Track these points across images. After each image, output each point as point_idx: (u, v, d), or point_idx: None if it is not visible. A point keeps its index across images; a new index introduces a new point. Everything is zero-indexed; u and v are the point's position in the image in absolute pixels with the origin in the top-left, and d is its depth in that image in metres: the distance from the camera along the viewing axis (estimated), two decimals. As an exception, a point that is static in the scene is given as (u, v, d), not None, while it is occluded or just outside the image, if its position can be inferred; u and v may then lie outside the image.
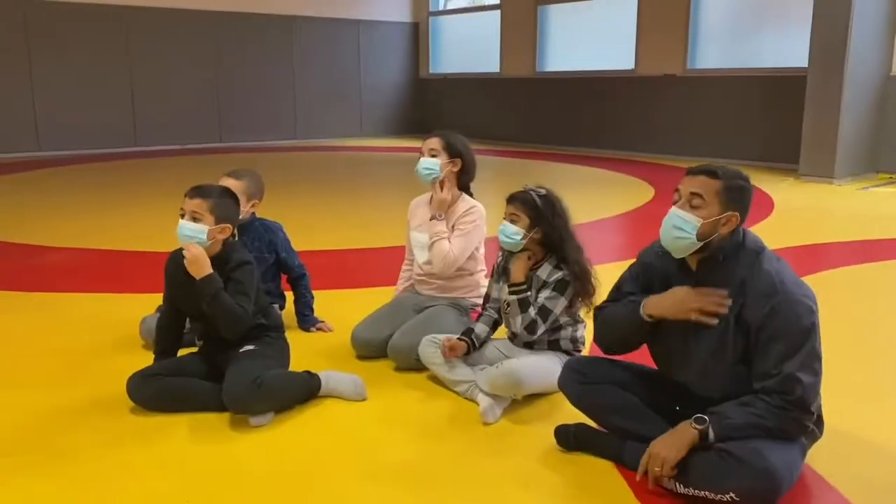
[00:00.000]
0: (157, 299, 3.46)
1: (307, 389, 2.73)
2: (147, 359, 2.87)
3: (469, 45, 14.16)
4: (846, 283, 4.40)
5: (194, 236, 2.62)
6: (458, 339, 2.87)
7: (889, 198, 7.36)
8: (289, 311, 3.55)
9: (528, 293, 2.73)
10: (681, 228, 2.11)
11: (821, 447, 2.24)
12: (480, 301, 3.18)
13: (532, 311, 2.71)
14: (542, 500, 2.15)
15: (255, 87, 12.97)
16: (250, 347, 2.73)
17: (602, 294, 2.82)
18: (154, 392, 2.64)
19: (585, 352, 3.04)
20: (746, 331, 2.06)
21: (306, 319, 3.51)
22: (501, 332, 2.98)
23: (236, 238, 2.91)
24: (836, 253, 5.18)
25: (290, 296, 3.59)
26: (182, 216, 2.65)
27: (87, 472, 2.28)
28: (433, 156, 3.22)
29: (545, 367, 2.69)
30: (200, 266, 2.61)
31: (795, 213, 6.50)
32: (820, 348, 2.05)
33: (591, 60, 11.86)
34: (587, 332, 2.94)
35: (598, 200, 7.31)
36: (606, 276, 3.35)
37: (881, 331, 3.65)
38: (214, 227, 2.64)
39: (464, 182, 3.31)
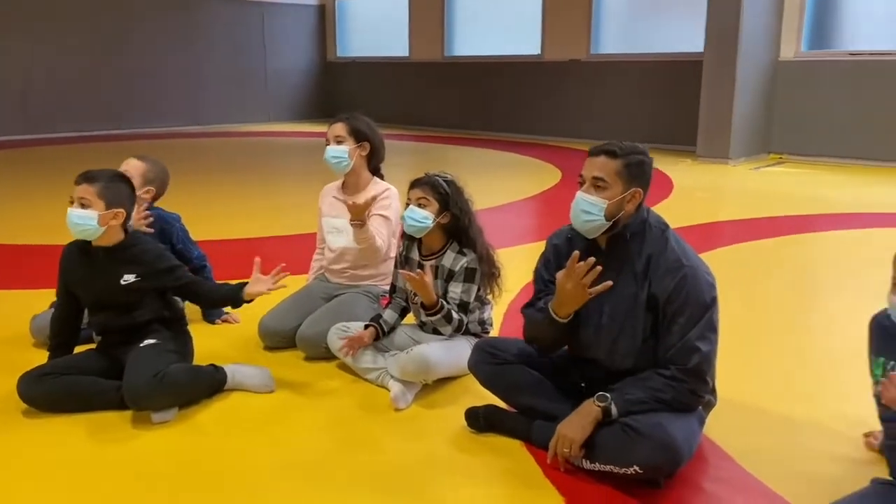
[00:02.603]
0: (49, 295, 3.30)
1: (212, 383, 2.67)
2: (40, 357, 2.74)
3: (377, 28, 14.02)
4: (738, 260, 4.62)
5: (83, 224, 2.52)
6: (366, 325, 2.86)
7: (778, 177, 7.76)
8: (192, 304, 3.45)
9: (447, 307, 2.69)
10: (589, 212, 2.17)
11: (716, 417, 2.35)
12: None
13: (455, 314, 2.71)
14: (453, 482, 2.17)
15: (156, 71, 12.45)
16: (151, 342, 2.65)
17: (506, 276, 2.88)
18: (47, 392, 2.52)
19: (494, 332, 3.09)
20: (654, 305, 2.14)
21: (210, 312, 3.42)
22: (411, 317, 2.98)
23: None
24: (729, 231, 5.42)
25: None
26: (71, 203, 2.54)
27: (-26, 481, 2.16)
28: (339, 142, 3.17)
29: (454, 351, 2.72)
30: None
31: (693, 193, 6.77)
32: (717, 322, 2.15)
33: (499, 45, 11.95)
34: (494, 312, 2.99)
35: (506, 184, 7.40)
36: (515, 258, 3.43)
37: (770, 304, 3.85)
38: (106, 212, 2.54)
39: (374, 164, 3.28)
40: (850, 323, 2.23)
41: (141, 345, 2.62)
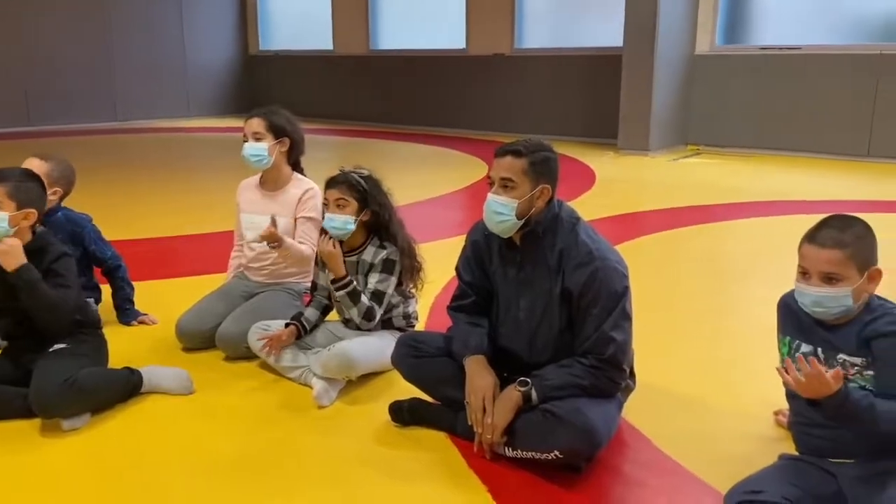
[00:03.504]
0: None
1: (127, 387, 2.58)
2: (-61, 367, 2.59)
3: (300, 21, 13.81)
4: (658, 248, 4.74)
5: None
6: (287, 323, 2.81)
7: (695, 167, 8.01)
8: (107, 305, 3.33)
9: (354, 283, 2.69)
10: (500, 213, 2.20)
11: (634, 401, 2.42)
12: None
13: (365, 299, 2.69)
14: (377, 477, 2.17)
15: (68, 64, 11.90)
16: (62, 346, 2.55)
17: (432, 270, 2.88)
18: (-53, 402, 2.39)
19: (420, 326, 3.09)
20: (569, 299, 2.18)
21: (127, 313, 3.31)
22: (335, 314, 2.94)
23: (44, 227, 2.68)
24: (649, 220, 5.56)
25: (108, 289, 3.37)
26: None
27: None
28: (258, 139, 3.10)
29: (378, 346, 2.70)
30: (13, 257, 2.40)
31: (614, 185, 6.92)
32: (630, 310, 2.20)
33: (424, 39, 11.94)
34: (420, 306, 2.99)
35: (432, 178, 7.41)
36: (441, 252, 3.43)
37: (687, 290, 3.97)
38: (16, 213, 2.43)
39: (294, 158, 3.23)
40: (762, 306, 2.32)
41: (50, 349, 2.52)
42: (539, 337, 2.25)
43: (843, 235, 1.84)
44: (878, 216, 5.31)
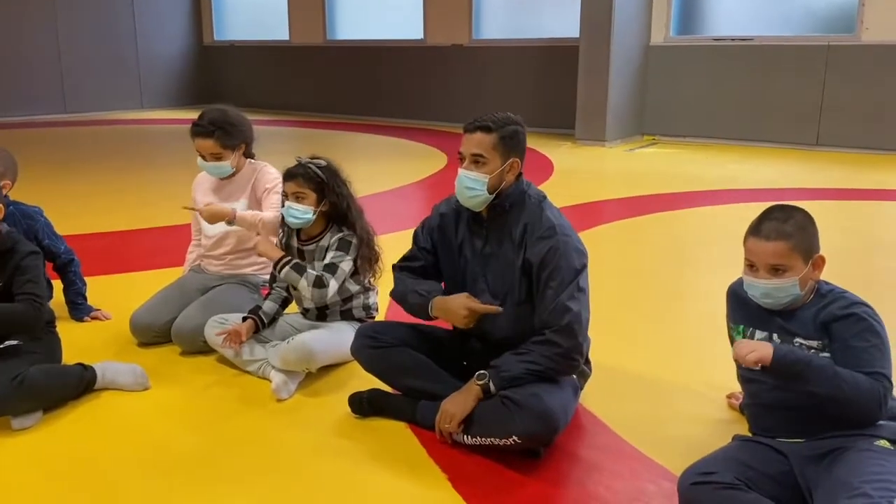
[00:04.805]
0: None
1: (80, 383, 2.53)
2: None
3: (256, 10, 13.61)
4: (615, 236, 4.81)
5: None
6: (244, 317, 2.78)
7: (651, 157, 8.12)
8: (59, 301, 3.26)
9: (294, 259, 2.69)
10: (472, 188, 2.25)
11: (591, 387, 2.46)
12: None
13: (311, 270, 2.66)
14: (338, 468, 2.16)
15: (14, 54, 11.55)
16: (13, 343, 2.49)
17: (388, 260, 2.87)
18: None
19: (381, 317, 3.08)
20: (529, 271, 2.23)
21: (79, 308, 3.24)
22: (294, 306, 2.92)
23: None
24: (608, 209, 5.63)
25: (59, 284, 3.29)
26: None
27: None
28: (217, 158, 3.04)
29: (337, 338, 2.69)
30: None
31: (573, 175, 6.98)
32: (586, 285, 2.24)
33: (381, 29, 11.86)
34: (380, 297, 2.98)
35: (392, 169, 7.38)
36: (401, 242, 3.41)
37: (643, 277, 4.03)
38: None
39: (248, 151, 3.19)
40: (716, 292, 2.37)
41: (-1, 346, 2.46)
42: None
43: (785, 227, 1.90)
44: (827, 203, 5.46)
